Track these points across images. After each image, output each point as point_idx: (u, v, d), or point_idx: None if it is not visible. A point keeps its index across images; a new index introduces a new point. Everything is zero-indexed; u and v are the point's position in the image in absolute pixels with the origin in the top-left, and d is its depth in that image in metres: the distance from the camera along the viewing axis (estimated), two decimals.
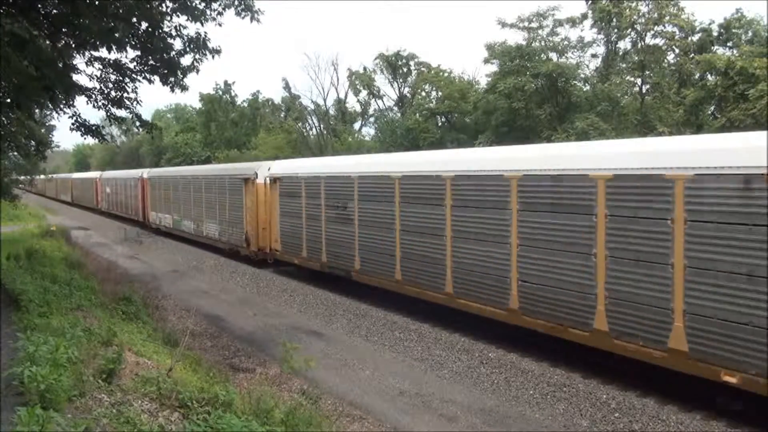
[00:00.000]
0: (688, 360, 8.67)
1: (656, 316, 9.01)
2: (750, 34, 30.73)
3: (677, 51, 32.86)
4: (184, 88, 12.53)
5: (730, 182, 8.10)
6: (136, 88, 13.18)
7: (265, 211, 22.00)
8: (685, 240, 8.58)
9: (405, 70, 49.99)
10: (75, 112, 13.61)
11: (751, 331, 7.92)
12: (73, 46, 12.20)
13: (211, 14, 11.61)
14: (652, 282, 9.05)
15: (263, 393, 7.54)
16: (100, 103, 13.31)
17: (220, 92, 68.07)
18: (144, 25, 11.47)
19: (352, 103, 58.46)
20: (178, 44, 12.02)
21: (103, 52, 12.40)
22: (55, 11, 11.31)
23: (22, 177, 32.05)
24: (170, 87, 12.42)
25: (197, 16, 11.46)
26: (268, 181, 21.60)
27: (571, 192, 10.26)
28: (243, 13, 11.71)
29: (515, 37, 62.97)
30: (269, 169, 21.87)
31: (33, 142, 21.50)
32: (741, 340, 8.05)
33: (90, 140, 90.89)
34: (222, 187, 25.46)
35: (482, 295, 12.19)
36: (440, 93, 44.92)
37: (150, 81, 12.75)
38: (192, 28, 12.21)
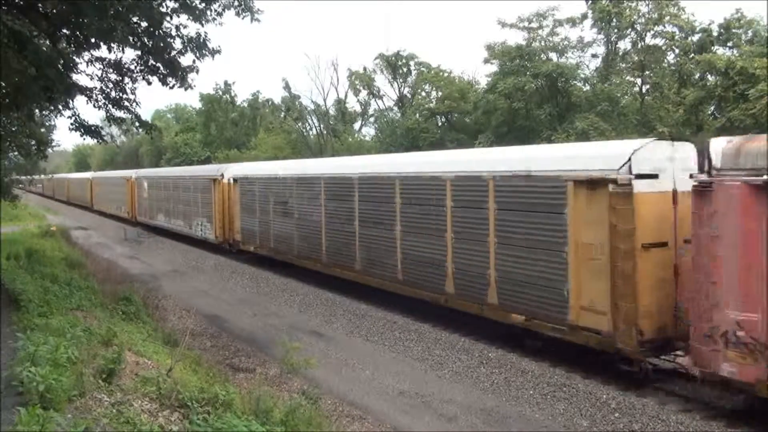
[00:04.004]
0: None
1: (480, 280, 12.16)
2: (750, 34, 30.62)
3: (677, 51, 32.82)
4: (188, 87, 12.48)
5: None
6: (135, 89, 13.15)
7: (228, 207, 25.21)
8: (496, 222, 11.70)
9: (405, 70, 49.85)
10: (74, 112, 13.56)
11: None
12: (74, 46, 12.16)
13: (211, 14, 11.58)
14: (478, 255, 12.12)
15: (263, 393, 7.56)
16: (100, 104, 13.28)
17: (220, 92, 67.93)
18: (144, 24, 11.44)
19: (352, 103, 58.32)
20: (177, 44, 11.99)
21: (103, 52, 12.38)
22: (55, 11, 11.27)
23: (24, 177, 31.97)
24: (171, 87, 12.38)
25: (198, 16, 11.43)
26: (231, 181, 24.76)
27: (432, 189, 13.49)
28: (243, 14, 11.68)
29: (515, 37, 62.95)
30: (233, 171, 25.13)
31: (33, 142, 21.43)
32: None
33: (89, 140, 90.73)
34: (195, 186, 28.72)
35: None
36: (440, 93, 44.86)
37: (149, 82, 12.71)
38: (192, 28, 12.18)
